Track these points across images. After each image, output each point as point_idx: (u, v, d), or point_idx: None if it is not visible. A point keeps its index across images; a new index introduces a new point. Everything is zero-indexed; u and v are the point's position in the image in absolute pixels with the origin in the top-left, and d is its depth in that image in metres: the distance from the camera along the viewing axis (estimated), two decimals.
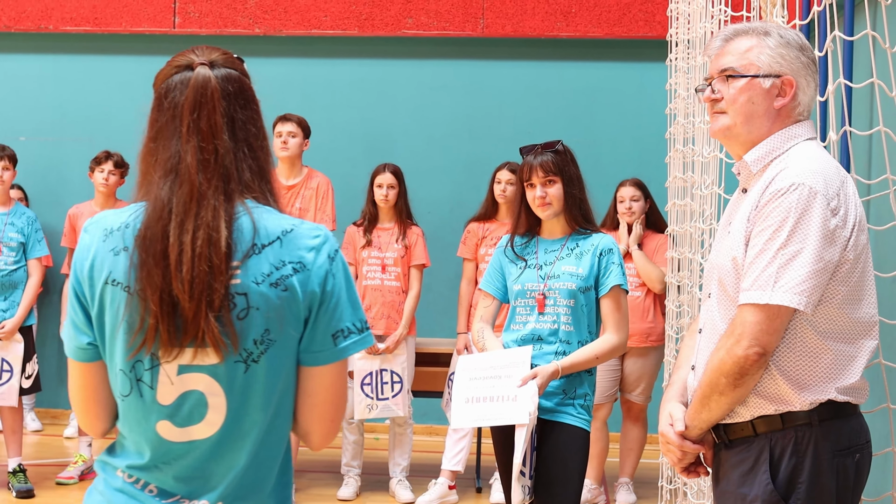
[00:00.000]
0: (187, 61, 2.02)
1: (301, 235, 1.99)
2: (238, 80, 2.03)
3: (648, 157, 7.49)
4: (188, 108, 1.97)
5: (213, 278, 1.89)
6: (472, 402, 3.87)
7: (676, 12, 5.71)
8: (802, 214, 2.43)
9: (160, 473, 1.98)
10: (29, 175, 8.02)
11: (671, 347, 5.74)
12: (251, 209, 1.97)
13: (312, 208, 6.45)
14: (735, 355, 2.47)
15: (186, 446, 1.97)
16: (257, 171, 2.02)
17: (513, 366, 3.86)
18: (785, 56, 2.59)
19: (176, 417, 1.96)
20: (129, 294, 1.93)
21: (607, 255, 3.97)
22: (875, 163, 4.37)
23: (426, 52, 8.28)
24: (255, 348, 1.93)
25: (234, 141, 1.99)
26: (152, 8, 8.24)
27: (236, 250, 1.92)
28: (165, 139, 1.98)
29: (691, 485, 4.95)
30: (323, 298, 1.97)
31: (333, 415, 2.04)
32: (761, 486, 2.49)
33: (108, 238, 1.98)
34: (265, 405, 1.96)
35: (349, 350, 2.00)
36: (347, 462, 6.48)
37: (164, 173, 1.96)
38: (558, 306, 3.95)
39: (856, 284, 2.50)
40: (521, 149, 4.11)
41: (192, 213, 1.92)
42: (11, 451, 6.34)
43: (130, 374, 1.96)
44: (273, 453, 2.01)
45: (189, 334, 1.90)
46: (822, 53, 3.33)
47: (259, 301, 1.92)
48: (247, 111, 2.03)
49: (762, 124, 2.61)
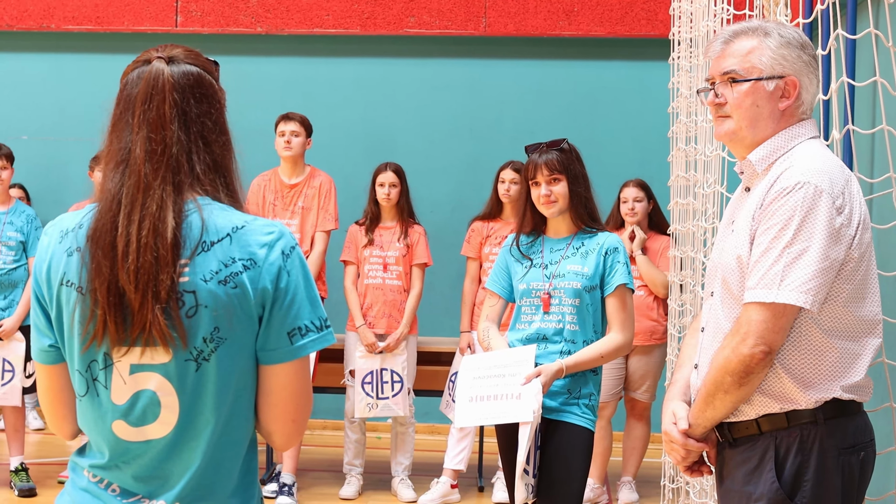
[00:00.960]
0: (147, 56, 2.04)
1: (253, 232, 1.96)
2: (196, 75, 2.02)
3: (651, 156, 7.49)
4: (140, 100, 1.99)
5: (159, 269, 1.89)
6: (476, 401, 3.86)
7: (679, 11, 5.70)
8: (808, 213, 2.42)
9: (120, 473, 1.98)
10: (31, 174, 8.02)
11: (673, 346, 5.74)
12: (202, 206, 1.95)
13: (315, 207, 6.45)
14: (741, 354, 2.47)
15: (143, 446, 1.96)
16: (211, 164, 2.01)
17: (517, 364, 3.85)
18: (787, 56, 2.58)
19: (130, 417, 1.95)
20: (81, 294, 1.94)
21: (613, 254, 3.97)
22: (878, 161, 4.36)
23: (428, 51, 8.28)
24: (204, 346, 1.92)
25: (185, 133, 1.98)
26: (154, 7, 8.24)
27: (184, 246, 1.91)
28: (119, 132, 2.00)
29: (694, 484, 4.94)
30: (276, 296, 1.95)
31: (294, 414, 2.02)
32: (767, 485, 2.49)
33: (64, 239, 1.99)
34: (219, 404, 1.95)
35: (307, 348, 1.98)
36: (349, 461, 6.48)
37: (115, 165, 1.97)
38: (563, 306, 3.95)
39: (860, 283, 2.50)
40: (527, 147, 4.11)
41: (139, 204, 1.92)
42: (13, 449, 6.34)
43: (86, 373, 1.97)
44: (231, 453, 1.99)
45: (136, 327, 1.90)
46: (825, 52, 3.32)
47: (207, 299, 1.91)
48: (203, 105, 2.02)
49: (767, 126, 2.61)
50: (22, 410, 6.39)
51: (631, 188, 6.28)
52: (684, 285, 5.46)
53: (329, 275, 6.82)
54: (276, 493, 6.25)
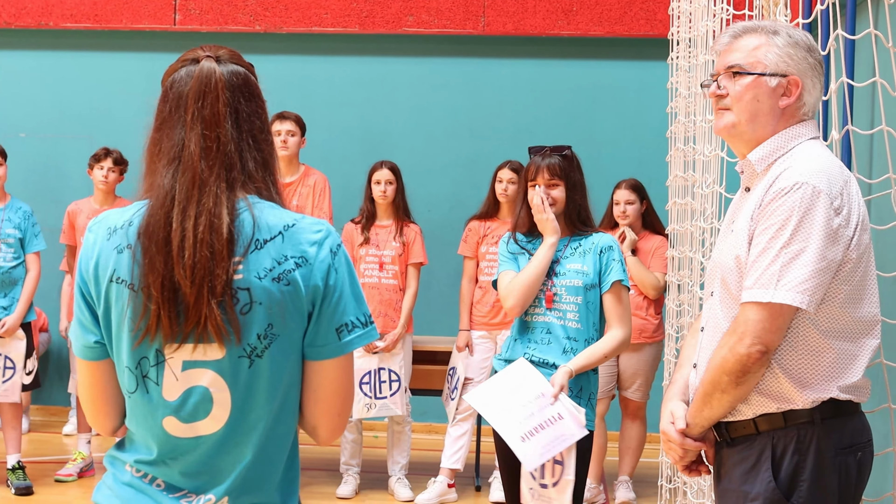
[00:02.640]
0: (195, 55, 2.06)
1: (303, 230, 1.99)
2: (243, 75, 2.06)
3: (649, 156, 7.48)
4: (192, 97, 2.00)
5: (214, 264, 1.91)
6: (528, 439, 3.80)
7: (678, 11, 5.70)
8: (806, 213, 2.43)
9: (167, 468, 2.00)
10: (29, 172, 8.01)
11: (671, 346, 5.74)
12: (252, 205, 1.98)
13: (309, 206, 6.45)
14: (738, 353, 2.47)
15: (193, 442, 1.98)
16: (261, 162, 2.04)
17: (527, 383, 3.85)
18: (793, 56, 2.59)
19: (181, 413, 1.97)
20: (133, 291, 1.95)
21: (608, 253, 4.03)
22: (877, 162, 4.36)
23: (427, 49, 8.27)
24: (258, 343, 1.94)
25: (237, 131, 2.01)
26: (153, 5, 8.23)
27: (237, 243, 1.93)
28: (170, 129, 2.01)
29: (691, 484, 4.94)
30: (326, 293, 1.98)
31: (340, 409, 2.05)
32: (763, 484, 2.49)
33: (112, 236, 2.00)
34: (270, 400, 1.97)
35: (354, 344, 2.01)
36: (346, 460, 6.47)
37: (167, 162, 1.99)
38: (565, 304, 3.99)
39: (858, 283, 2.50)
40: (531, 148, 4.15)
41: (195, 200, 1.94)
42: (11, 447, 6.33)
43: (136, 370, 1.98)
44: (279, 448, 2.02)
45: (191, 321, 1.91)
46: (824, 52, 3.32)
47: (262, 296, 1.93)
48: (251, 104, 2.05)
49: (766, 123, 2.61)
50: (20, 408, 6.38)
51: (623, 190, 6.26)
52: (682, 285, 5.46)
53: None
54: None
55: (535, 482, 3.86)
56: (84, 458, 6.59)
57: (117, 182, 6.63)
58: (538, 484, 3.86)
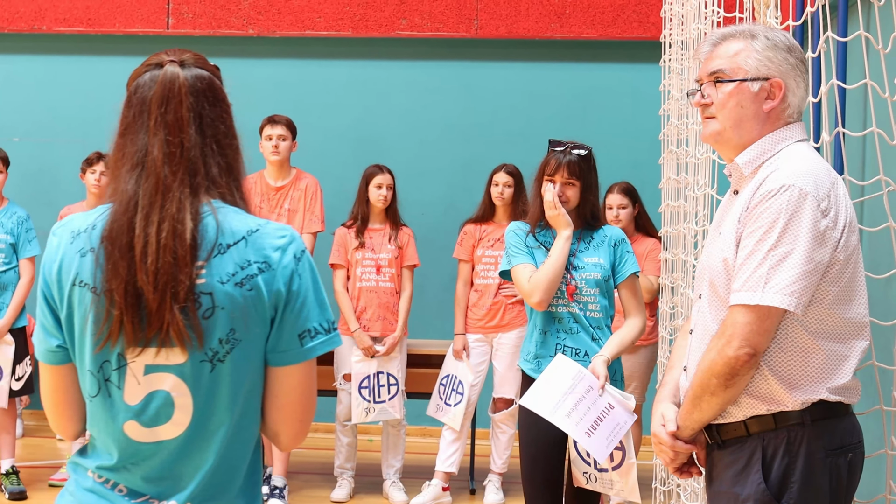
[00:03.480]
0: (158, 60, 2.05)
1: (267, 235, 1.99)
2: (208, 79, 2.06)
3: (642, 159, 7.49)
4: (156, 103, 2.00)
5: (177, 270, 1.90)
6: (592, 434, 3.87)
7: (670, 14, 5.71)
8: (793, 216, 2.43)
9: (129, 474, 1.99)
10: (22, 176, 8.00)
11: (664, 349, 5.74)
12: (216, 209, 1.97)
13: (301, 209, 6.44)
14: (726, 356, 2.48)
15: (154, 447, 1.97)
16: (225, 167, 2.03)
17: (572, 378, 3.91)
18: (772, 59, 2.60)
19: (143, 417, 1.96)
20: (96, 294, 1.94)
21: (621, 245, 4.18)
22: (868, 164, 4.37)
23: (420, 53, 8.28)
24: (220, 347, 1.94)
25: (201, 136, 2.00)
26: (146, 9, 8.23)
27: (201, 248, 1.93)
28: (133, 134, 2.01)
29: (685, 486, 4.95)
30: (289, 298, 1.98)
31: (301, 415, 2.04)
32: (754, 486, 2.50)
33: (76, 240, 2.00)
34: (231, 405, 1.97)
35: (316, 350, 2.01)
36: (341, 464, 6.47)
37: (131, 167, 1.98)
38: (586, 295, 4.09)
39: (847, 285, 2.50)
40: (551, 141, 4.20)
41: (158, 206, 1.94)
42: (4, 452, 6.32)
43: (98, 374, 1.97)
44: (241, 453, 2.01)
45: (153, 327, 1.91)
46: (815, 54, 3.33)
47: (224, 300, 1.93)
48: (215, 109, 2.04)
49: (752, 127, 2.62)
50: (13, 413, 6.36)
51: (615, 195, 6.26)
52: (675, 287, 5.47)
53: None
54: (268, 496, 6.25)
55: (591, 467, 3.95)
56: None
57: None
58: (595, 469, 3.94)
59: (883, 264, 3.63)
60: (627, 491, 3.95)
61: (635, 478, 3.94)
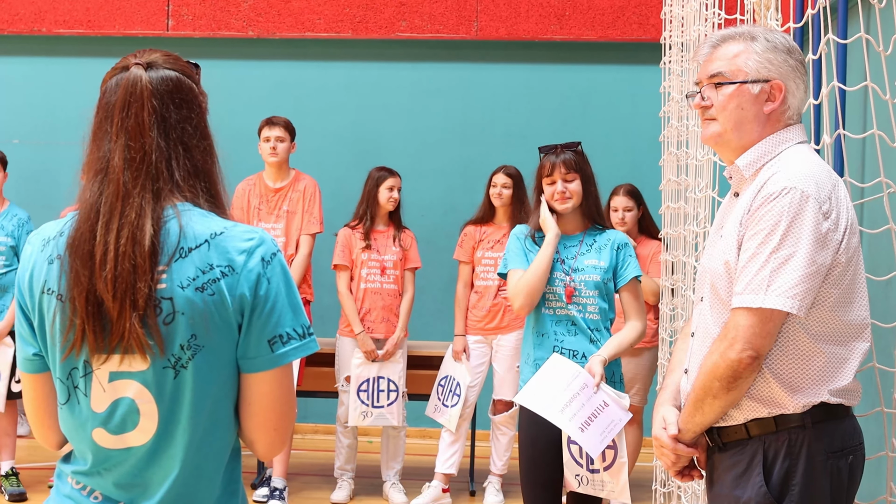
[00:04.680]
0: (125, 63, 2.03)
1: (232, 238, 1.94)
2: (175, 80, 2.01)
3: (642, 160, 7.49)
4: (118, 107, 1.97)
5: (136, 277, 1.88)
6: (586, 429, 3.91)
7: (670, 15, 5.71)
8: (794, 218, 2.43)
9: (101, 479, 1.98)
10: (22, 178, 8.00)
11: (665, 350, 5.74)
12: (180, 213, 1.94)
13: (300, 211, 6.44)
14: (728, 359, 2.47)
15: (123, 453, 1.95)
16: (192, 170, 1.99)
17: (568, 375, 3.95)
18: (772, 60, 2.59)
19: (110, 424, 1.94)
20: (61, 301, 1.93)
21: (624, 249, 4.21)
22: (868, 166, 4.37)
23: (420, 54, 8.28)
24: (182, 353, 1.90)
25: (165, 140, 1.97)
26: (146, 10, 8.23)
27: (162, 253, 1.90)
28: (99, 140, 1.99)
29: (685, 488, 4.95)
30: (255, 303, 1.93)
31: (276, 423, 2.00)
32: (755, 489, 2.50)
33: (45, 247, 1.99)
34: (197, 412, 1.93)
35: (288, 356, 1.96)
36: (341, 466, 6.47)
37: (94, 174, 1.97)
38: (585, 297, 4.12)
39: (847, 287, 2.50)
40: (541, 148, 4.28)
41: (118, 212, 1.91)
42: (4, 454, 6.31)
43: (67, 381, 1.96)
44: (213, 462, 1.98)
45: (115, 335, 1.89)
46: (815, 56, 3.33)
47: (184, 306, 1.89)
48: (182, 110, 2.00)
49: (752, 129, 2.62)
50: (13, 415, 6.35)
51: (620, 197, 6.24)
52: (675, 289, 5.46)
53: (315, 278, 6.81)
54: (267, 498, 6.24)
55: (583, 469, 3.97)
56: None
57: None
58: (587, 470, 3.95)
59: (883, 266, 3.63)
60: (618, 491, 3.97)
61: (626, 478, 3.96)
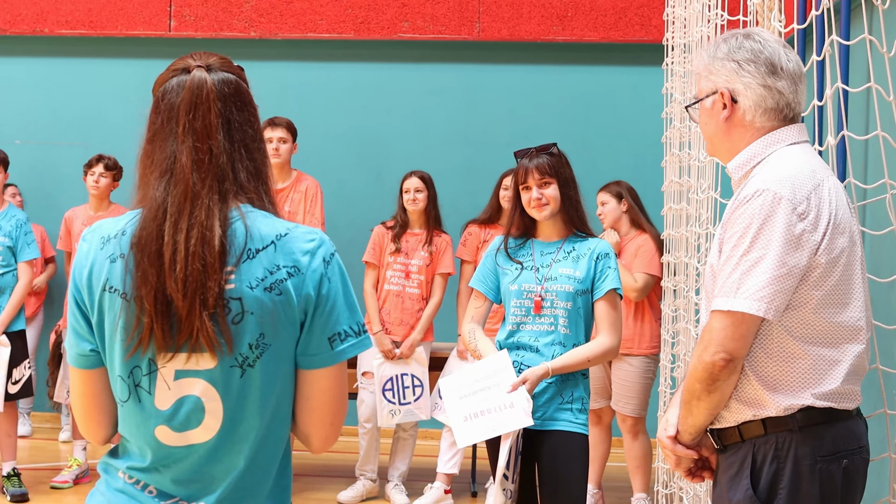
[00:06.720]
0: (185, 65, 2.05)
1: (296, 239, 1.99)
2: (235, 83, 2.06)
3: (644, 161, 7.49)
4: (184, 109, 2.00)
5: (206, 277, 1.91)
6: (471, 419, 3.87)
7: (673, 16, 5.71)
8: (766, 220, 2.44)
9: (159, 475, 2.00)
10: (24, 178, 8.01)
11: (667, 351, 5.73)
12: (245, 214, 1.98)
13: (301, 211, 6.44)
14: (704, 361, 2.49)
15: (185, 450, 1.98)
16: (254, 172, 2.04)
17: (497, 373, 3.86)
18: (714, 69, 2.67)
19: (173, 422, 1.97)
20: (126, 300, 1.95)
21: (604, 260, 3.98)
22: (872, 167, 4.36)
23: (422, 55, 8.28)
24: (250, 353, 1.94)
25: (229, 142, 2.01)
26: (148, 11, 8.23)
27: (230, 253, 1.94)
28: (162, 140, 2.01)
29: (687, 490, 4.94)
30: (318, 302, 1.98)
31: (332, 418, 2.05)
32: (742, 492, 2.51)
33: (106, 245, 2.00)
34: (262, 409, 1.97)
35: (346, 353, 2.01)
36: (361, 465, 6.45)
37: (160, 174, 1.98)
38: (556, 308, 3.95)
39: (834, 289, 2.48)
40: (516, 152, 4.12)
41: (187, 213, 1.94)
42: (6, 455, 6.30)
43: (129, 379, 1.98)
44: (271, 456, 2.02)
45: (184, 334, 1.91)
46: (819, 58, 3.33)
47: (253, 305, 1.93)
48: (243, 113, 2.05)
49: (721, 140, 2.69)
50: (14, 416, 6.34)
51: (600, 193, 6.20)
52: (678, 290, 5.46)
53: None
54: None
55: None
56: (80, 465, 6.58)
57: (110, 188, 6.62)
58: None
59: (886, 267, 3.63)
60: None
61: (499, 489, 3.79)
